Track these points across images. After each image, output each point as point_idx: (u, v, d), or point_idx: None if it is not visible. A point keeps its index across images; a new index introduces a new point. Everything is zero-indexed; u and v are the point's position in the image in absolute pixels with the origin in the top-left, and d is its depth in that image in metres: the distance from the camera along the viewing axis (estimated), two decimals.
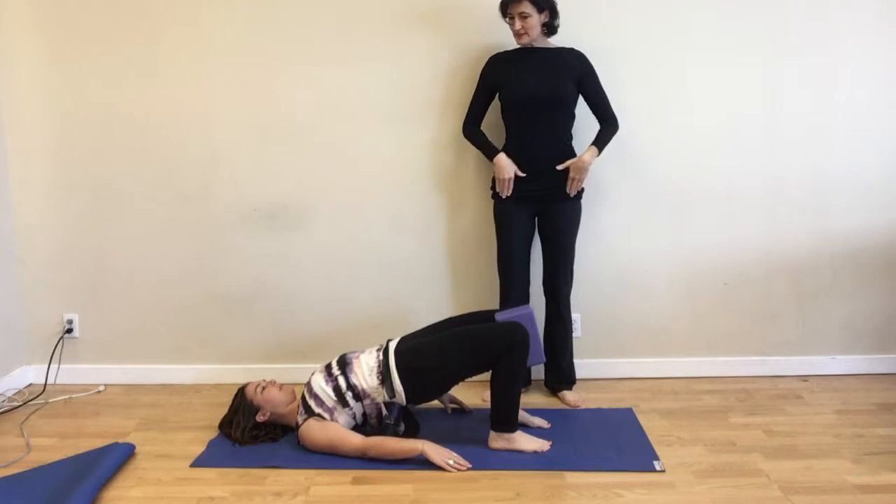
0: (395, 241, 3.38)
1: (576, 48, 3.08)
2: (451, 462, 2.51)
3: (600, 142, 3.06)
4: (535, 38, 3.00)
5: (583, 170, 3.01)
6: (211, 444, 2.76)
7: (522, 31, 2.97)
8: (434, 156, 3.33)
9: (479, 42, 3.23)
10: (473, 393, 3.16)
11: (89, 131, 3.35)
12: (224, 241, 3.40)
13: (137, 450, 2.71)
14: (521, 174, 3.02)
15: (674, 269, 3.39)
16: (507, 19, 3.00)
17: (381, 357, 2.68)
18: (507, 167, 3.02)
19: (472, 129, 3.15)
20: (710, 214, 3.35)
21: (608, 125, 3.08)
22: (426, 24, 3.25)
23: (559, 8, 2.99)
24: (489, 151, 3.09)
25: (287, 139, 3.33)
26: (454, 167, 3.33)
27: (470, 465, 2.52)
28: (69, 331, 3.45)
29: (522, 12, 2.93)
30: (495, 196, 3.12)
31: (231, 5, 3.27)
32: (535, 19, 2.94)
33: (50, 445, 2.78)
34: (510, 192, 3.04)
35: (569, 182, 3.02)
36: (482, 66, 3.12)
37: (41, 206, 3.40)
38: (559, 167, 3.01)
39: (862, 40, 3.26)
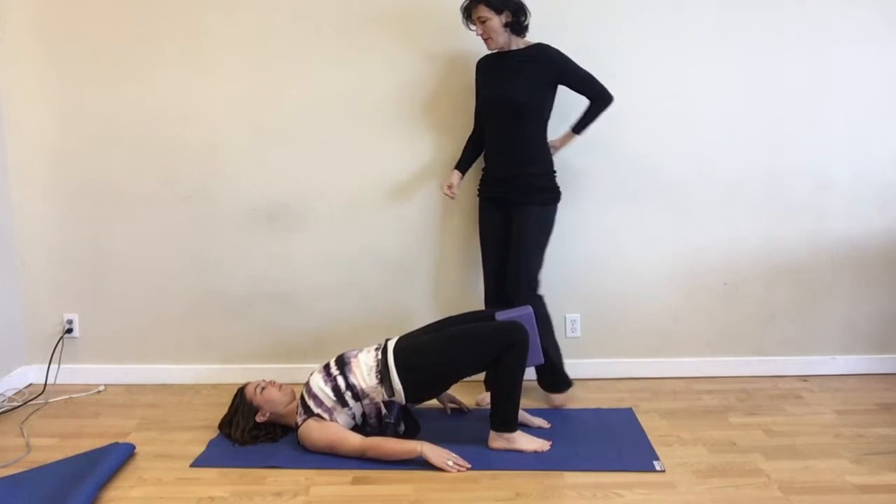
0: (395, 240, 3.39)
1: (543, 42, 2.98)
2: (450, 463, 2.51)
3: (580, 124, 3.00)
4: (505, 42, 2.94)
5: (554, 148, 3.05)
6: (211, 444, 2.76)
7: (486, 36, 2.93)
8: (434, 156, 3.33)
9: (476, 45, 3.22)
10: (473, 393, 3.16)
11: (89, 131, 3.35)
12: (224, 240, 3.40)
13: (137, 450, 2.71)
14: (451, 195, 3.11)
15: (674, 269, 3.39)
16: (471, 26, 2.97)
17: (379, 356, 2.68)
18: (449, 180, 3.13)
19: (470, 136, 3.16)
20: (710, 214, 3.36)
21: (594, 104, 2.97)
22: (427, 26, 3.25)
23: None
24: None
25: (287, 139, 3.34)
26: (454, 167, 3.32)
27: (470, 466, 2.52)
28: (69, 331, 3.45)
29: (480, 16, 2.88)
30: (478, 196, 3.16)
31: (231, 6, 3.27)
32: (496, 22, 2.88)
33: (50, 445, 2.78)
34: (451, 197, 3.12)
35: None
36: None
37: (41, 206, 3.40)
38: None
39: (862, 40, 3.26)
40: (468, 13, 2.95)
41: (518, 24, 2.93)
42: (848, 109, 3.30)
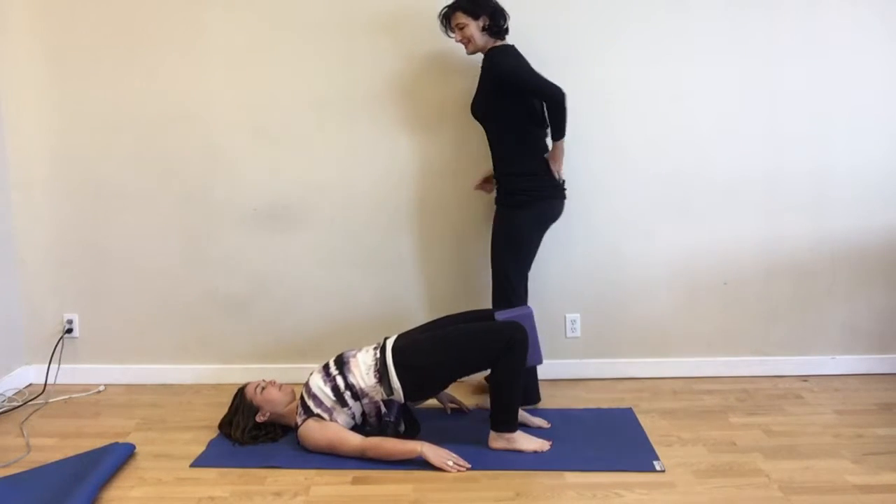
0: (395, 240, 3.38)
1: (499, 44, 2.93)
2: (450, 463, 2.51)
3: (553, 131, 2.90)
4: (483, 45, 2.92)
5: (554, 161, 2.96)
6: (211, 444, 2.76)
7: (465, 42, 2.92)
8: (434, 155, 3.33)
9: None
10: (472, 393, 3.16)
11: (89, 131, 3.35)
12: (224, 241, 3.40)
13: (137, 450, 2.71)
14: (480, 187, 3.18)
15: (674, 269, 3.39)
16: (449, 33, 2.97)
17: (378, 355, 2.67)
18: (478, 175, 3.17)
19: None
20: (710, 214, 3.36)
21: (547, 107, 2.85)
22: (428, 27, 3.24)
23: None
24: None
25: (287, 139, 3.34)
26: (454, 167, 3.32)
27: (470, 466, 2.52)
28: (69, 331, 3.45)
29: (458, 23, 2.89)
30: None
31: (231, 6, 3.27)
32: (473, 27, 2.87)
33: (50, 445, 2.78)
34: (483, 190, 3.21)
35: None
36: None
37: (41, 206, 3.40)
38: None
39: (861, 39, 3.26)
40: (447, 20, 2.95)
41: (497, 27, 2.91)
42: (847, 109, 3.30)
